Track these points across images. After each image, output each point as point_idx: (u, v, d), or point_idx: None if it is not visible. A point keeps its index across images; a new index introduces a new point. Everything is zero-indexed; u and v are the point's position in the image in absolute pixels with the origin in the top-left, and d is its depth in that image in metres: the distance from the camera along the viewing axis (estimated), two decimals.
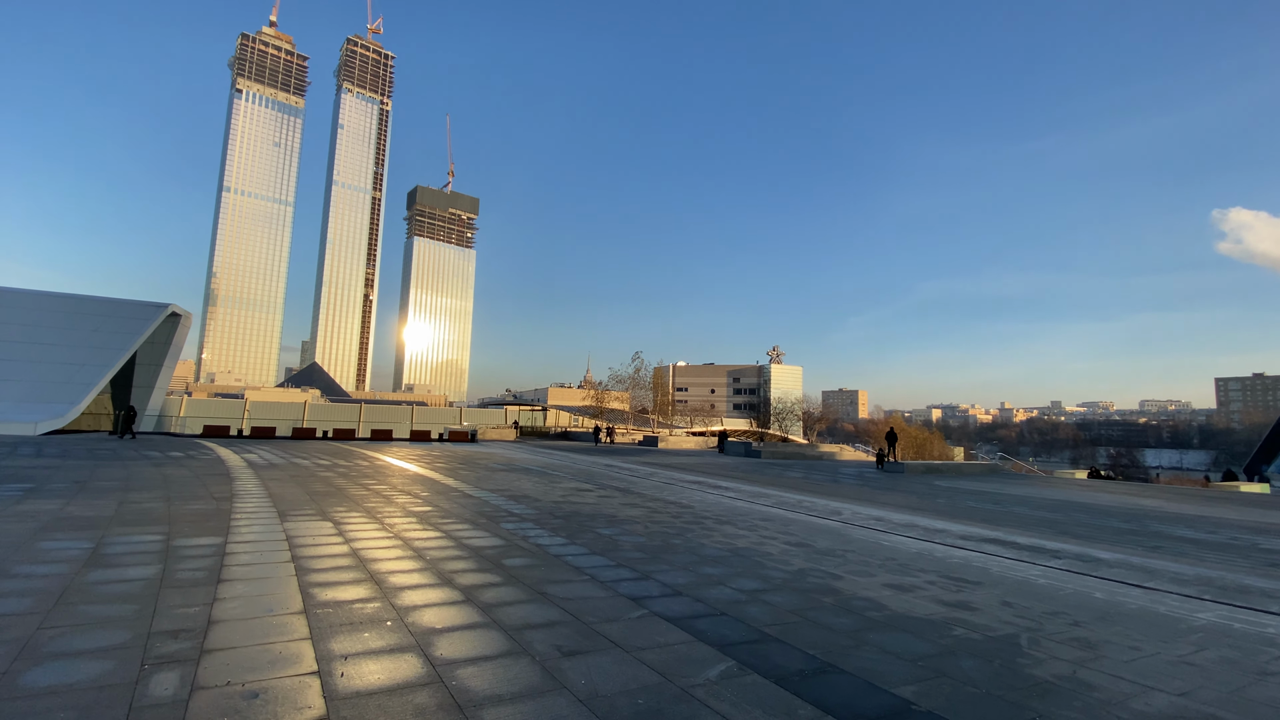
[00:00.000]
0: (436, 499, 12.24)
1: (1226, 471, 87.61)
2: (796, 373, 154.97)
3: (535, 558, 7.28)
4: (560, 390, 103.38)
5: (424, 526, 9.04)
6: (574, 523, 10.07)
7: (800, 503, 15.10)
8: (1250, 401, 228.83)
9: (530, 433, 56.17)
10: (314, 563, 6.55)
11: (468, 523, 9.55)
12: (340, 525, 8.81)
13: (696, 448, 46.66)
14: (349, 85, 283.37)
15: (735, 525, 10.88)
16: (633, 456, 31.41)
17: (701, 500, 14.44)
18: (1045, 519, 14.85)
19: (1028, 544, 10.84)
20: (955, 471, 30.28)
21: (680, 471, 23.00)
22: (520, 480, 16.80)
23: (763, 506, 13.93)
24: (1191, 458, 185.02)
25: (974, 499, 18.78)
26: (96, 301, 41.18)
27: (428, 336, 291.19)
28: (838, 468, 30.24)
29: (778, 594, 6.28)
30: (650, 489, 16.33)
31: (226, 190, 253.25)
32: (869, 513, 13.92)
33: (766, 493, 16.96)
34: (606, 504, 12.76)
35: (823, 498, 16.63)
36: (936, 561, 8.72)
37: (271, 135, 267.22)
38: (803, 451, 38.51)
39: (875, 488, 20.74)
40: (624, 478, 19.33)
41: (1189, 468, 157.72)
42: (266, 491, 12.21)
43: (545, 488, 15.23)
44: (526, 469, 20.78)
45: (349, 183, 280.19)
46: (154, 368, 43.41)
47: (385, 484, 14.49)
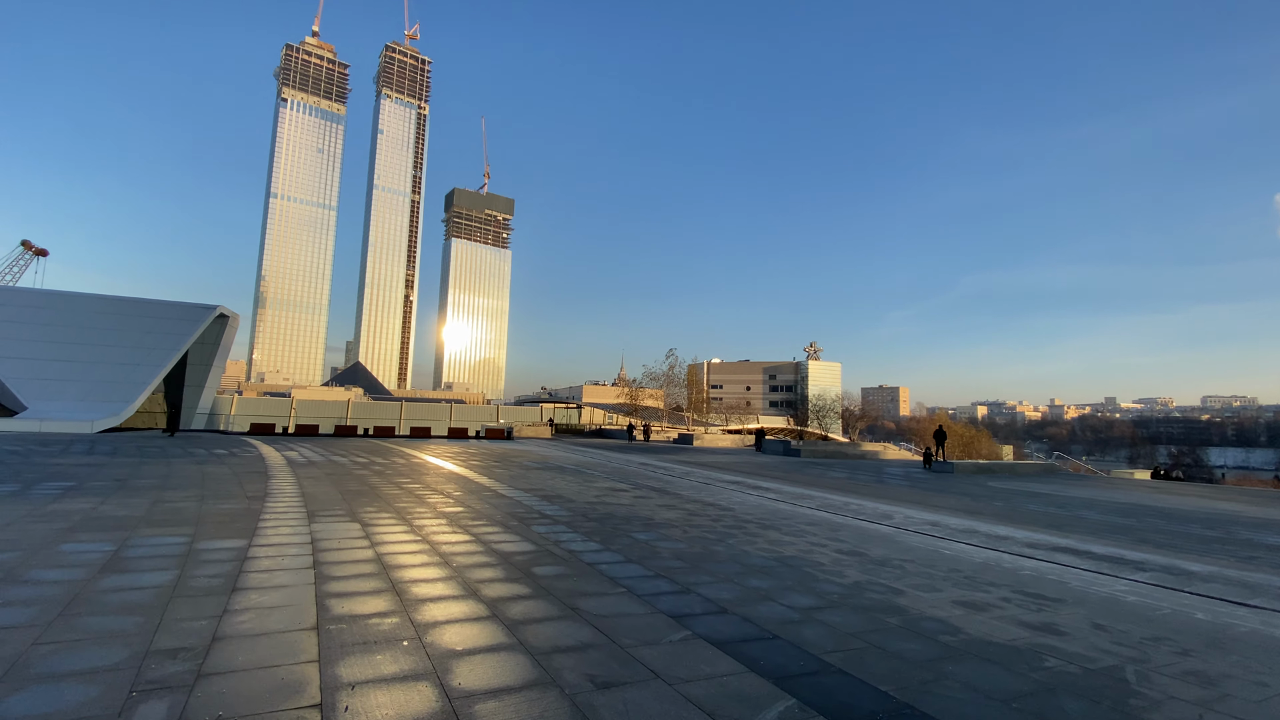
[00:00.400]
0: (469, 499, 11.91)
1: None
2: (835, 369, 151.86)
3: (567, 566, 6.80)
4: (595, 388, 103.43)
5: (453, 529, 8.66)
6: (608, 526, 9.57)
7: (847, 505, 14.31)
8: None
9: (565, 430, 56.15)
10: (335, 569, 6.19)
11: (498, 525, 9.14)
12: (368, 527, 8.50)
13: (733, 446, 45.81)
14: (388, 91, 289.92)
15: (780, 530, 10.22)
16: (668, 455, 30.85)
17: (742, 502, 13.79)
18: (1118, 525, 13.71)
19: (1104, 553, 9.88)
20: (1009, 471, 28.79)
21: (717, 471, 22.33)
22: (554, 479, 16.43)
23: (807, 509, 13.20)
24: (1258, 456, 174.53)
25: (1034, 501, 17.61)
26: (149, 304, 42.65)
27: (465, 336, 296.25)
28: (882, 467, 29.09)
29: (835, 612, 5.63)
30: (687, 489, 15.74)
31: (274, 196, 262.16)
32: (923, 517, 13.05)
33: (809, 494, 16.19)
34: (642, 505, 12.24)
35: (870, 500, 15.77)
36: (1007, 574, 7.91)
37: (315, 142, 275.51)
38: (844, 450, 37.31)
39: (925, 489, 19.70)
40: (660, 477, 18.79)
41: (1256, 467, 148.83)
42: (300, 490, 12.08)
43: (579, 487, 14.81)
44: (561, 467, 20.43)
45: (389, 186, 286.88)
46: (204, 367, 44.77)
47: (419, 483, 14.27)
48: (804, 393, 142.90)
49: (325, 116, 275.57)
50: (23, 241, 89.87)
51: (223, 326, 44.92)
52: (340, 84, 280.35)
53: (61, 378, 35.60)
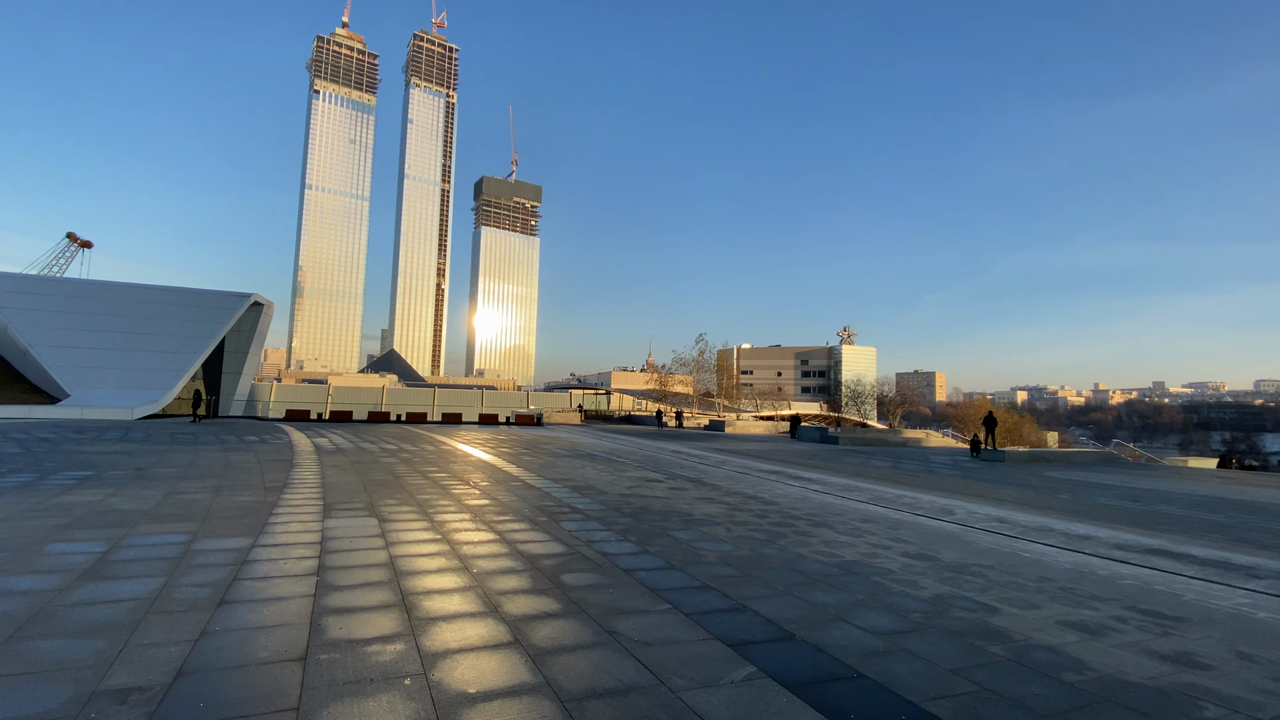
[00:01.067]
0: (495, 490, 11.21)
1: None
2: (870, 354, 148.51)
3: (601, 573, 5.97)
4: (623, 374, 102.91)
5: (477, 526, 7.93)
6: (644, 522, 8.73)
7: (900, 499, 13.23)
8: None
9: (594, 416, 55.63)
10: (341, 576, 5.47)
11: (526, 521, 8.38)
12: (386, 524, 7.81)
13: (766, 433, 44.65)
14: (416, 80, 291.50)
15: (833, 529, 9.25)
16: (699, 442, 29.95)
17: (785, 495, 12.82)
18: (1206, 521, 12.36)
19: (1206, 557, 8.67)
20: (1064, 460, 27.12)
21: (753, 459, 21.35)
22: (585, 468, 15.69)
23: (857, 503, 12.18)
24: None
25: (1103, 494, 16.23)
26: (185, 293, 43.26)
27: (496, 323, 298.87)
28: (927, 455, 27.70)
29: (924, 638, 4.69)
30: (724, 480, 14.84)
31: (309, 188, 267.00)
32: (987, 512, 11.91)
33: (857, 485, 15.13)
34: (679, 498, 11.38)
35: (925, 492, 14.64)
36: (1106, 584, 6.84)
37: (347, 133, 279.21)
38: (884, 438, 35.86)
39: (980, 479, 18.42)
40: (694, 465, 17.91)
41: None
42: (321, 480, 11.54)
43: (611, 477, 14.02)
44: (591, 455, 19.70)
45: (419, 176, 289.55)
46: (240, 354, 45.36)
47: (445, 471, 13.66)
48: (837, 378, 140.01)
49: (356, 107, 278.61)
50: (68, 234, 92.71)
51: (258, 314, 45.37)
52: (370, 74, 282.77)
53: (102, 365, 36.29)
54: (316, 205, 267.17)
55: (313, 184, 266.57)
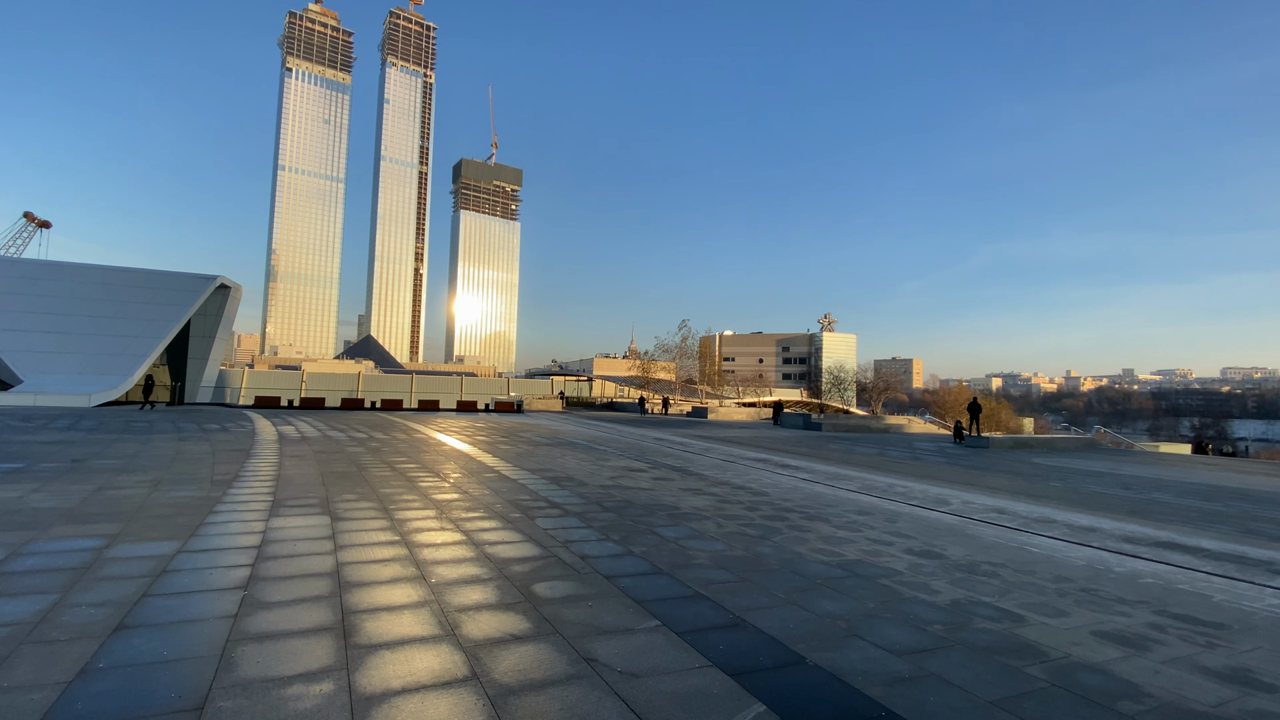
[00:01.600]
0: (467, 482, 10.43)
1: None
2: (850, 341, 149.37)
3: (580, 580, 5.26)
4: (605, 360, 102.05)
5: (442, 524, 7.16)
6: (628, 518, 8.04)
7: (891, 487, 12.71)
8: None
9: (576, 403, 54.84)
10: (274, 590, 4.69)
11: (497, 518, 7.63)
12: (339, 522, 7.01)
13: (749, 419, 44.29)
14: (393, 59, 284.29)
15: (829, 522, 8.65)
16: (683, 429, 29.37)
17: (774, 484, 12.23)
18: (1206, 511, 12.03)
19: (1220, 550, 8.24)
20: (1047, 446, 27.03)
21: (738, 447, 20.80)
22: (565, 457, 14.95)
23: (848, 492, 11.63)
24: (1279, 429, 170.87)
25: (1094, 481, 15.93)
26: (147, 274, 41.39)
27: (476, 309, 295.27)
28: (911, 442, 27.44)
29: (950, 658, 4.06)
30: (710, 469, 14.21)
31: (282, 169, 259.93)
32: (983, 501, 11.44)
33: (846, 474, 14.61)
34: (664, 489, 10.72)
35: (916, 480, 14.17)
36: (1127, 583, 6.31)
37: (321, 112, 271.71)
38: (867, 424, 35.62)
39: (969, 467, 18.06)
40: (678, 454, 17.28)
41: (1277, 439, 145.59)
42: (277, 473, 10.66)
43: (592, 467, 13.31)
44: (572, 443, 18.97)
45: (396, 157, 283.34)
46: (206, 339, 43.67)
47: (415, 462, 12.83)
48: (818, 365, 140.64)
49: (330, 86, 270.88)
50: (25, 213, 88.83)
51: (224, 297, 43.66)
52: (345, 52, 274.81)
53: (58, 350, 34.56)
54: (290, 187, 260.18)
55: (286, 165, 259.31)
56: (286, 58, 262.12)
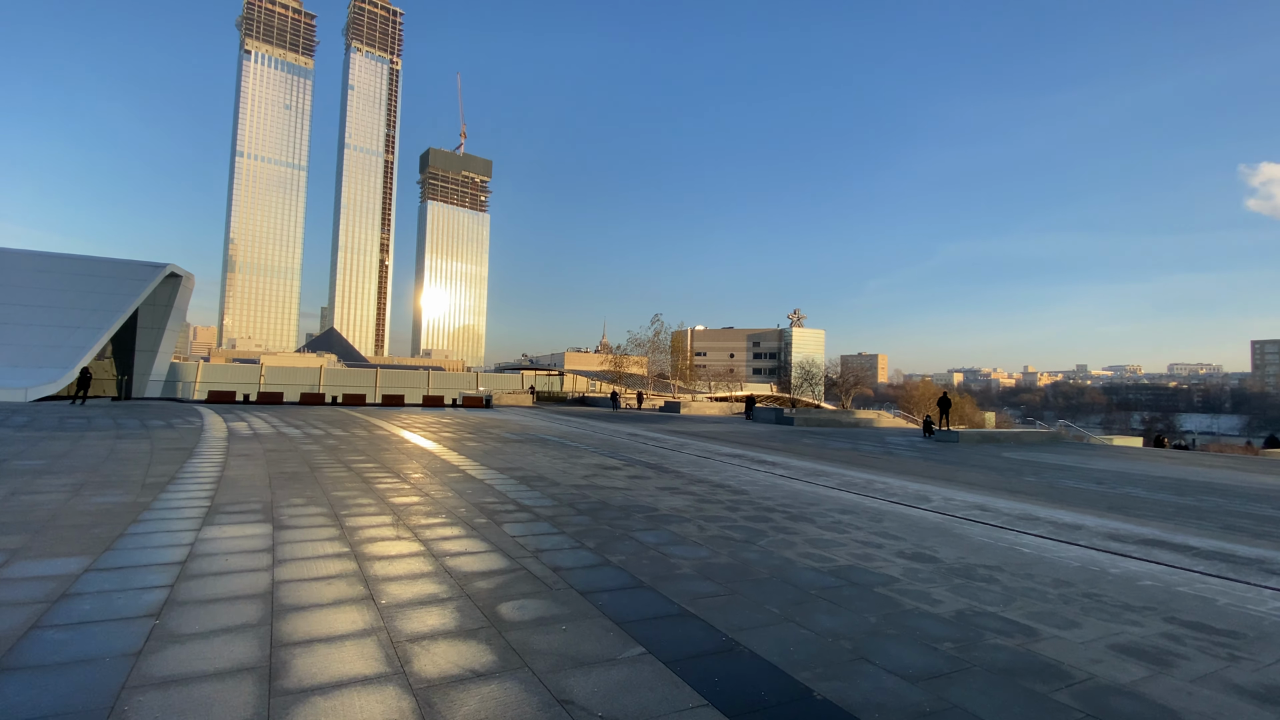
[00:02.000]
0: (429, 483, 9.75)
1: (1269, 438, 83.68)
2: (819, 336, 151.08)
3: (552, 598, 4.69)
4: (577, 355, 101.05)
5: (399, 532, 6.51)
6: (603, 521, 7.50)
7: (870, 484, 12.43)
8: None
9: (547, 398, 54.01)
10: (192, 618, 4.01)
11: (460, 524, 7.01)
12: (282, 531, 6.31)
13: (721, 414, 44.12)
14: (358, 44, 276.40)
15: (814, 522, 8.25)
16: (656, 424, 28.93)
17: (752, 481, 11.82)
18: (1182, 506, 12.03)
19: (1207, 548, 8.08)
20: (1015, 440, 27.37)
21: (713, 442, 20.42)
22: (535, 454, 14.32)
23: (828, 489, 11.29)
24: (1223, 422, 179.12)
25: (1066, 476, 15.96)
26: (90, 262, 39.14)
27: (444, 302, 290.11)
28: (883, 436, 27.49)
29: (970, 684, 3.62)
30: (686, 465, 13.75)
31: (240, 155, 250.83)
32: (964, 498, 11.21)
33: (823, 470, 14.31)
34: (640, 488, 10.20)
35: (893, 476, 13.94)
36: (1126, 587, 6.03)
37: (282, 98, 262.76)
38: (838, 418, 35.75)
39: (942, 461, 17.99)
40: (652, 450, 16.80)
41: (1221, 433, 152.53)
42: (220, 474, 9.81)
43: (564, 465, 12.72)
44: (543, 439, 18.33)
45: (361, 145, 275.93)
46: (156, 330, 41.56)
47: (374, 461, 12.06)
48: (787, 360, 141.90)
49: (292, 70, 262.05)
50: None
51: (175, 287, 41.57)
52: (307, 36, 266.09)
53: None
54: (249, 174, 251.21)
55: (244, 151, 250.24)
56: (245, 40, 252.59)
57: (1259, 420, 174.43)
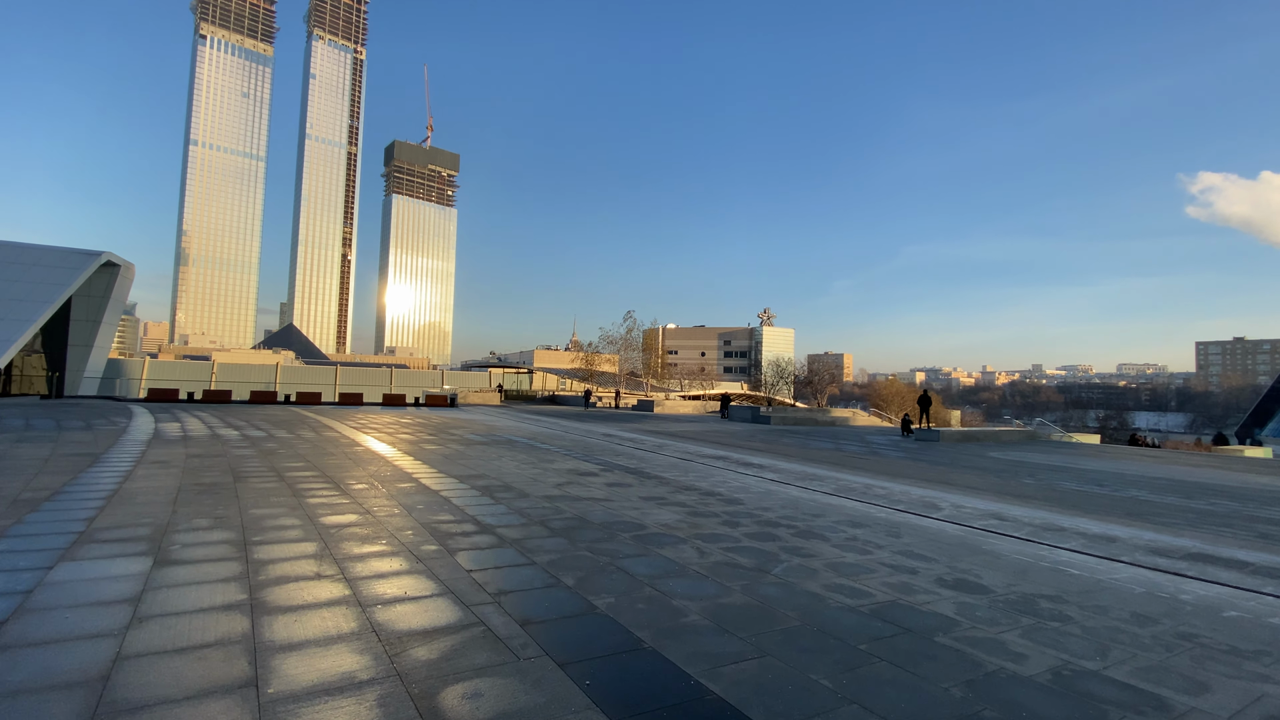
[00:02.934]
0: (374, 498, 8.29)
1: (1217, 435, 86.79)
2: (788, 335, 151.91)
3: (518, 676, 3.36)
4: (547, 353, 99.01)
5: (319, 568, 5.10)
6: (582, 544, 6.19)
7: (869, 489, 11.38)
8: (1230, 365, 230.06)
9: (516, 397, 52.28)
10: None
11: (404, 554, 5.62)
12: (163, 569, 4.84)
13: (695, 413, 43.11)
14: (320, 32, 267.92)
15: (826, 539, 7.09)
16: (630, 423, 27.67)
17: (744, 488, 10.65)
18: (1200, 510, 11.25)
19: (1265, 564, 7.18)
20: (993, 439, 26.90)
21: (692, 442, 19.26)
22: (501, 459, 12.89)
23: (827, 496, 10.18)
24: (1170, 420, 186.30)
25: (1063, 478, 15.22)
26: (16, 249, 36.05)
27: (409, 299, 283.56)
28: (863, 435, 26.75)
29: None
30: (669, 469, 12.51)
31: (194, 144, 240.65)
32: (973, 505, 10.22)
33: (815, 473, 13.24)
34: (622, 499, 8.91)
35: (888, 479, 12.95)
36: (1217, 620, 5.00)
37: (239, 85, 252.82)
38: (814, 417, 35.02)
39: (932, 462, 17.14)
40: (630, 452, 15.53)
41: (1168, 430, 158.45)
42: (118, 487, 8.19)
43: (534, 471, 11.34)
44: (510, 440, 16.89)
45: (323, 136, 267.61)
46: (91, 324, 38.67)
47: (315, 468, 10.51)
48: (758, 358, 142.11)
49: (250, 57, 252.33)
50: None
51: (112, 277, 38.66)
52: (266, 21, 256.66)
53: None
54: (203, 163, 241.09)
55: (199, 140, 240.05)
56: (200, 24, 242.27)
57: (1202, 418, 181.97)
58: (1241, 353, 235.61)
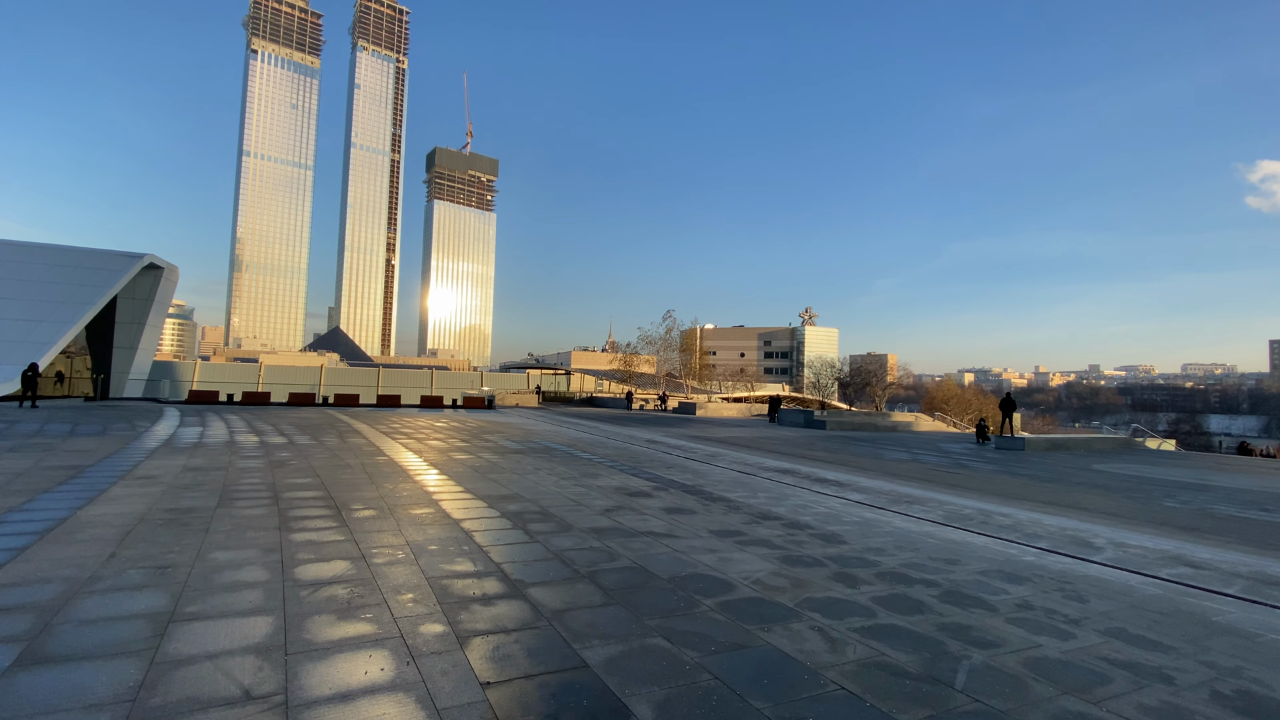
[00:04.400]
0: (375, 532, 6.57)
1: None
2: (832, 335, 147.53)
3: None
4: (584, 354, 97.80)
5: (254, 677, 3.32)
6: (649, 619, 4.29)
7: (986, 516, 9.16)
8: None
9: (553, 399, 50.93)
10: None
11: (389, 644, 3.81)
12: (25, 667, 3.14)
13: (740, 416, 40.86)
14: (364, 43, 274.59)
15: (988, 605, 5.00)
16: (674, 428, 25.72)
17: (832, 514, 8.58)
18: None
19: None
20: (1085, 448, 23.97)
21: (747, 451, 17.21)
22: (538, 471, 11.13)
23: (939, 527, 8.03)
24: (1242, 423, 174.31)
25: (1214, 500, 12.56)
26: (59, 251, 36.33)
27: (450, 302, 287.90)
28: (935, 443, 24.17)
29: None
30: (732, 487, 10.51)
31: (246, 155, 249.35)
32: (1139, 543, 7.91)
33: (908, 493, 11.04)
34: (689, 532, 6.98)
35: (1001, 501, 10.68)
36: None
37: (288, 97, 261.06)
38: (873, 422, 32.39)
39: (1036, 478, 14.67)
40: (681, 463, 13.57)
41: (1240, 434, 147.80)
42: (70, 514, 6.68)
43: (577, 489, 9.52)
44: (549, 448, 15.17)
45: (367, 145, 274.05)
46: (136, 326, 38.77)
47: (320, 487, 8.90)
48: (799, 359, 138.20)
49: (298, 70, 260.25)
50: None
51: (156, 279, 38.72)
52: (313, 35, 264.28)
53: None
54: (255, 174, 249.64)
55: (251, 151, 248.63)
56: (252, 39, 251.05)
57: (1276, 420, 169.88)
58: None
